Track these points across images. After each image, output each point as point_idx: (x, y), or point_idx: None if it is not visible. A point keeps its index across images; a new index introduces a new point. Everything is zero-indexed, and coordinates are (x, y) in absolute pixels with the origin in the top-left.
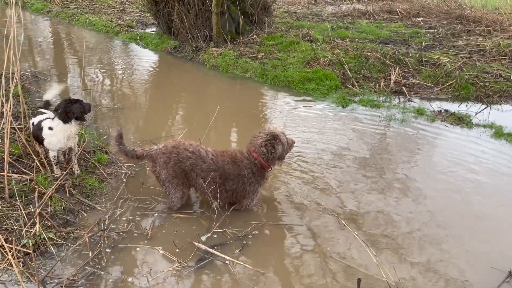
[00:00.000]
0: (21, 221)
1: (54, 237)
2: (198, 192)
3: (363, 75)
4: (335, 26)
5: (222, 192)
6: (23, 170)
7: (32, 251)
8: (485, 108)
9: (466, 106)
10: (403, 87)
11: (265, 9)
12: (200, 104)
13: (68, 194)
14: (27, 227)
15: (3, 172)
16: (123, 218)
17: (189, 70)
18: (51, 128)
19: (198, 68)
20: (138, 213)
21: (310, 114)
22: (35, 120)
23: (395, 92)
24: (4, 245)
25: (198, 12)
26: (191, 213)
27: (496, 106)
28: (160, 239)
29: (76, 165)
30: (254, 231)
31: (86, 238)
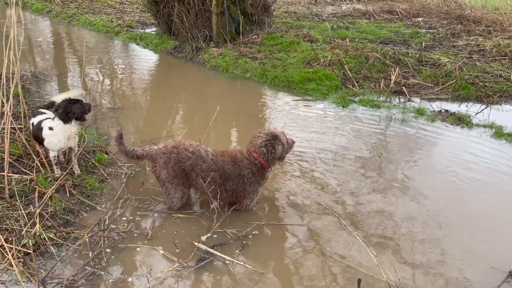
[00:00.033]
0: (21, 221)
1: (54, 237)
2: (198, 193)
3: (363, 75)
4: (335, 26)
5: (222, 192)
6: (23, 170)
7: (32, 251)
8: (485, 108)
9: (466, 106)
10: (403, 87)
11: (265, 9)
12: (200, 104)
13: (68, 194)
14: (27, 227)
15: (3, 172)
16: (123, 218)
17: (189, 70)
18: (52, 128)
19: (198, 68)
20: (138, 213)
21: (310, 114)
22: (35, 121)
23: (395, 92)
24: (4, 245)
25: (198, 12)
26: (191, 213)
27: (496, 106)
28: (160, 239)
29: (76, 165)
30: (254, 231)
31: (86, 238)
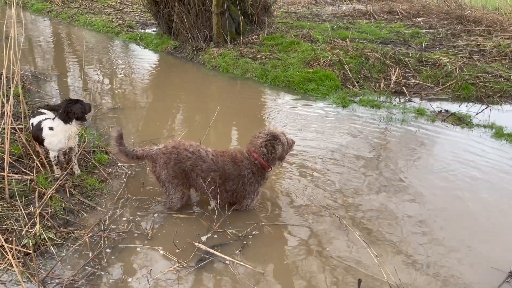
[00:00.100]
0: (22, 221)
1: (54, 237)
2: (198, 193)
3: (363, 76)
4: (335, 27)
5: (222, 193)
6: (23, 171)
7: (32, 251)
8: (486, 109)
9: (467, 107)
10: (404, 87)
11: (265, 10)
12: (200, 104)
13: (69, 195)
14: (27, 227)
15: (4, 173)
16: (123, 219)
17: (189, 71)
18: (52, 129)
19: (198, 69)
20: (138, 213)
21: (310, 114)
22: (35, 121)
23: (396, 93)
24: (4, 245)
25: (198, 13)
26: (191, 214)
27: (497, 107)
28: (160, 240)
29: (76, 166)
30: (255, 232)
31: (86, 239)
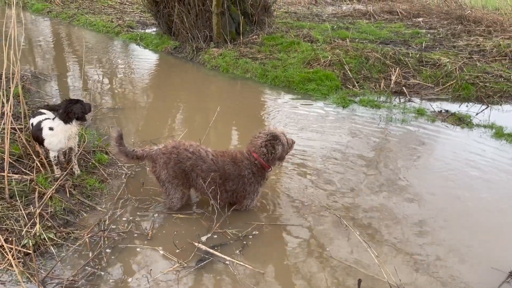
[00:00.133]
0: (21, 222)
1: (54, 238)
2: (198, 193)
3: (364, 76)
4: (336, 27)
5: (222, 193)
6: (23, 171)
7: (32, 252)
8: (486, 109)
9: (467, 107)
10: (404, 88)
11: (266, 10)
12: (201, 104)
13: (68, 195)
14: (27, 228)
15: (3, 173)
16: (123, 219)
17: (190, 71)
18: (52, 129)
19: (199, 69)
20: (138, 214)
21: (311, 114)
22: (35, 121)
23: (396, 93)
24: (4, 246)
25: (199, 13)
26: (191, 214)
27: (497, 107)
28: (160, 240)
29: (76, 166)
30: (254, 232)
31: (86, 239)
